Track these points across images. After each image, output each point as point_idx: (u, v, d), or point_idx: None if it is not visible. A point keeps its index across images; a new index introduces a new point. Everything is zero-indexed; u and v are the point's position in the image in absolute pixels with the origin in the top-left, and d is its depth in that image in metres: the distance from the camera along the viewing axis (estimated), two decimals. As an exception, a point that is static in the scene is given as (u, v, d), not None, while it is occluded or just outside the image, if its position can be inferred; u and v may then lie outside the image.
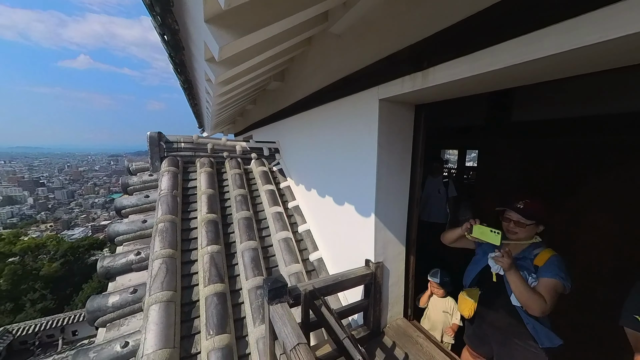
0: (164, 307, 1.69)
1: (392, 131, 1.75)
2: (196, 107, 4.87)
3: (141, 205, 2.53)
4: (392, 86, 1.50)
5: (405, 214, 1.96)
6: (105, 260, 1.99)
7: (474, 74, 1.06)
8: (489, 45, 0.98)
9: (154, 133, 2.91)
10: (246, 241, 2.34)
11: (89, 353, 1.50)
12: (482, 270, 1.66)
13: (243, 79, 2.30)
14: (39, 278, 18.96)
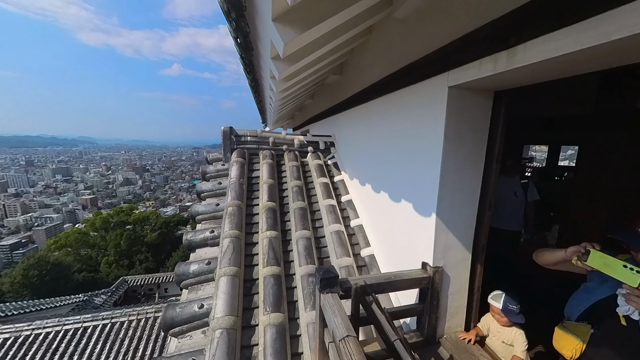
0: (231, 280, 1.93)
1: (462, 122, 1.55)
2: (261, 103, 5.30)
3: (215, 190, 2.92)
4: (467, 71, 1.32)
5: (473, 216, 1.73)
6: (189, 234, 2.40)
7: (582, 47, 0.84)
8: (609, 9, 0.76)
9: (227, 128, 3.30)
10: (300, 230, 2.46)
11: (176, 308, 1.84)
12: (597, 303, 1.29)
13: (304, 74, 2.38)
14: (144, 244, 24.23)
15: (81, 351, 6.37)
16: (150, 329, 7.07)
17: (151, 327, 7.11)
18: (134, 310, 7.40)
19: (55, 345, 6.36)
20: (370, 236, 2.61)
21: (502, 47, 1.10)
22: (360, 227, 2.73)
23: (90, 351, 6.39)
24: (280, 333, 1.74)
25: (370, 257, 2.42)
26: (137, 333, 6.94)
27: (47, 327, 6.62)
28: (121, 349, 6.59)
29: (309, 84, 3.48)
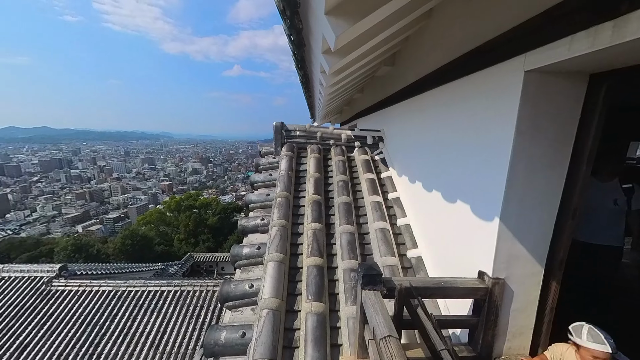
0: (277, 266, 2.07)
1: (541, 113, 1.31)
2: (310, 99, 5.42)
3: (266, 181, 3.13)
4: (552, 50, 1.10)
5: (550, 225, 1.47)
6: (242, 220, 2.65)
7: None
8: None
9: (278, 123, 3.48)
10: (344, 225, 2.46)
11: (231, 284, 2.06)
12: None
13: (354, 67, 2.34)
14: (207, 226, 27.75)
15: (159, 309, 7.71)
16: (209, 300, 8.11)
17: (210, 299, 8.14)
18: (197, 282, 8.57)
19: (141, 302, 7.84)
20: (418, 237, 2.46)
21: (607, 17, 0.88)
22: (407, 226, 2.59)
23: (165, 311, 7.69)
24: (320, 322, 1.79)
25: (417, 259, 2.28)
26: (199, 302, 8.05)
27: (136, 286, 8.20)
28: (187, 312, 7.74)
29: (358, 77, 3.40)
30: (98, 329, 7.13)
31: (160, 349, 6.96)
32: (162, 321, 7.46)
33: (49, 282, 7.98)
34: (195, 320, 7.60)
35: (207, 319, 7.71)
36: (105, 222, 69.97)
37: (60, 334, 6.94)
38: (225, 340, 1.72)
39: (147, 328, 7.29)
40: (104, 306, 7.61)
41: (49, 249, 22.37)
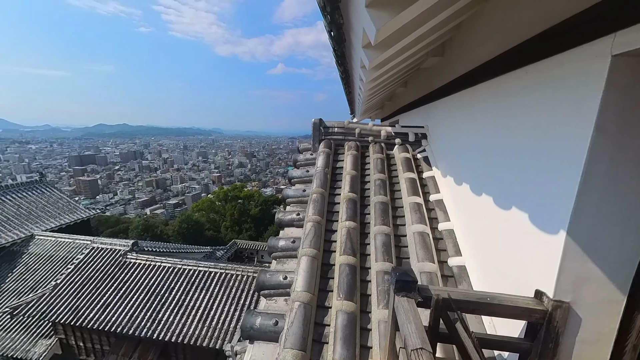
0: (310, 261, 2.11)
1: (631, 107, 1.06)
2: (350, 95, 5.34)
3: (303, 177, 3.20)
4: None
5: (638, 244, 1.19)
6: (279, 214, 2.76)
7: None
8: None
9: (317, 120, 3.52)
10: (380, 225, 2.38)
11: (267, 274, 2.18)
12: None
13: (397, 60, 2.21)
14: (249, 216, 29.81)
15: (207, 288, 8.60)
16: (249, 285, 8.74)
17: (250, 284, 8.77)
18: (239, 267, 9.30)
19: (192, 279, 8.84)
20: (462, 244, 2.25)
21: None
22: (450, 232, 2.39)
23: (212, 290, 8.54)
24: (351, 321, 1.78)
25: (459, 268, 2.09)
26: (240, 285, 8.74)
27: (189, 265, 9.27)
28: (230, 294, 8.47)
29: (401, 71, 3.22)
30: (159, 299, 8.28)
31: (207, 323, 7.78)
32: (209, 299, 8.31)
33: (124, 254, 9.53)
34: (237, 302, 8.28)
35: (246, 301, 8.34)
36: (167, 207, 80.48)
37: (132, 299, 8.25)
38: (260, 325, 1.83)
39: (197, 303, 8.21)
40: (164, 280, 8.80)
41: (125, 226, 26.66)
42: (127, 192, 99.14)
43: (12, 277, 10.32)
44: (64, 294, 8.37)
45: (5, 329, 8.76)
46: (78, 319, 7.79)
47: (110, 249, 9.79)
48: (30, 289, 9.84)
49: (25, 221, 12.24)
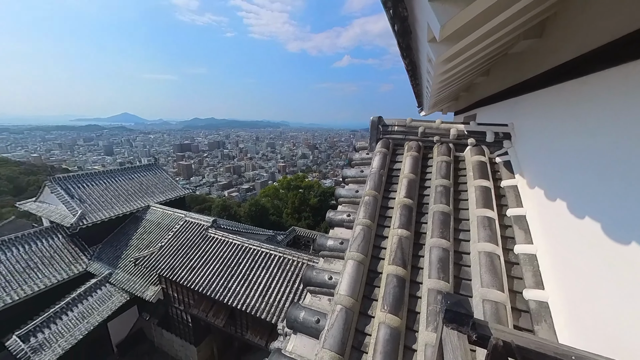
0: (356, 266, 2.08)
1: None
2: (417, 87, 4.88)
3: (357, 177, 3.14)
4: None
5: None
6: (330, 213, 2.80)
7: None
8: None
9: (375, 118, 3.36)
10: (437, 238, 2.15)
11: (313, 271, 2.26)
12: None
13: (471, 51, 1.89)
14: (308, 205, 31.40)
15: (267, 268, 9.56)
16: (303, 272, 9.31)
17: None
18: (296, 253, 9.95)
19: (256, 258, 9.96)
20: (547, 275, 1.82)
21: None
22: (530, 257, 1.96)
23: (271, 270, 9.45)
24: (394, 337, 1.69)
25: (539, 304, 1.71)
26: (296, 270, 9.37)
27: (254, 245, 10.45)
28: (286, 277, 9.20)
29: (481, 59, 2.73)
30: (229, 270, 9.67)
31: (265, 299, 8.69)
32: (268, 278, 9.24)
33: (206, 229, 11.43)
34: (292, 285, 8.93)
35: (300, 286, 8.91)
36: (241, 191, 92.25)
37: (210, 267, 9.90)
38: (303, 320, 1.93)
39: (258, 280, 9.24)
40: (234, 255, 10.20)
41: (209, 205, 31.85)
42: (212, 175, 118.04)
43: (136, 235, 13.76)
44: (165, 254, 10.70)
45: (130, 272, 11.82)
46: (173, 275, 9.86)
47: (197, 223, 11.89)
48: (146, 246, 12.93)
49: (144, 195, 16.03)
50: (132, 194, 15.65)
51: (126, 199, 15.13)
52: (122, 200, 14.92)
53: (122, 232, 14.09)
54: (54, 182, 13.47)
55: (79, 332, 9.97)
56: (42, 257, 11.99)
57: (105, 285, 11.64)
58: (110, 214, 13.72)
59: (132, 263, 11.57)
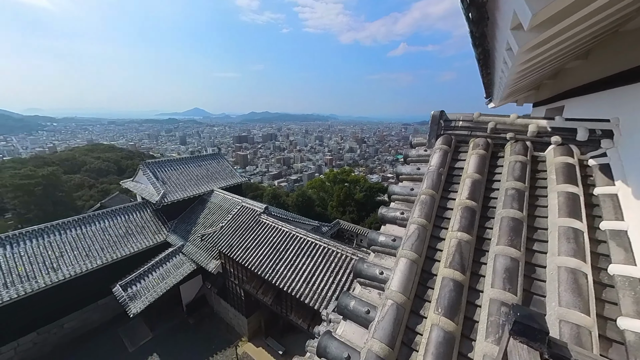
0: (409, 264, 2.06)
1: None
2: (488, 76, 4.36)
3: (413, 174, 3.03)
4: None
5: None
6: (383, 209, 2.78)
7: None
8: None
9: (437, 112, 3.15)
10: (504, 245, 1.96)
11: (364, 264, 2.32)
12: None
13: (570, 33, 1.62)
14: (353, 200, 31.26)
15: (312, 256, 9.99)
16: (346, 265, 9.42)
17: (347, 264, 9.44)
18: (340, 246, 10.13)
19: (301, 246, 10.49)
20: (654, 305, 1.50)
21: None
22: (632, 281, 1.64)
23: (315, 259, 9.85)
24: (448, 341, 1.65)
25: (638, 336, 1.43)
26: (339, 262, 9.57)
27: (300, 234, 11.00)
28: (330, 267, 9.48)
29: (581, 40, 2.30)
30: (277, 255, 10.43)
31: (309, 286, 9.14)
32: (312, 266, 9.66)
33: (259, 215, 12.48)
34: (335, 276, 9.17)
35: (342, 278, 9.08)
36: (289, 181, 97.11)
37: (261, 249, 10.84)
38: (353, 308, 2.02)
39: (302, 267, 9.76)
40: (281, 241, 10.93)
41: (261, 192, 34.53)
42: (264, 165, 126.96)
43: (202, 215, 15.89)
44: (225, 234, 12.12)
45: (197, 246, 13.79)
46: (230, 252, 11.13)
47: (252, 208, 13.08)
48: (210, 225, 14.85)
49: (209, 180, 18.29)
50: (200, 179, 18.04)
51: (196, 183, 17.53)
52: (193, 184, 17.34)
53: (192, 211, 16.43)
54: (145, 166, 16.44)
55: (160, 289, 12.18)
56: (136, 225, 14.91)
57: (178, 255, 13.85)
58: (184, 195, 16.12)
59: (199, 238, 13.46)
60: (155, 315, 13.44)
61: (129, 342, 12.61)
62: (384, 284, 2.14)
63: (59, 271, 11.68)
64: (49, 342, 12.01)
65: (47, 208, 24.86)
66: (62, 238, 12.79)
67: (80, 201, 29.46)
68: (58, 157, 46.96)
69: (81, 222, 13.75)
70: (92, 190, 32.59)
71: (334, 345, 1.86)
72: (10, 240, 11.73)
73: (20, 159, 46.14)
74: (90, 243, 13.18)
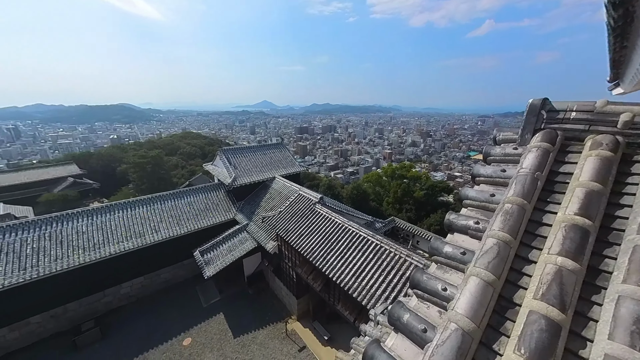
0: (482, 285, 1.71)
1: None
2: (622, 51, 3.24)
3: (495, 177, 2.51)
4: None
5: None
6: (451, 216, 2.40)
7: None
8: None
9: (537, 100, 2.49)
10: (637, 285, 1.41)
11: (423, 275, 2.06)
12: None
13: None
14: (412, 198, 29.13)
15: (362, 252, 9.79)
16: (398, 265, 8.89)
17: (400, 264, 8.89)
18: (394, 245, 9.60)
19: (353, 240, 10.36)
20: None
21: None
22: None
23: (366, 255, 9.61)
24: (531, 392, 1.30)
25: None
26: (391, 262, 9.10)
27: (353, 227, 10.87)
28: (381, 265, 9.11)
29: None
30: (329, 245, 10.60)
31: (357, 280, 9.02)
32: (363, 261, 9.47)
33: (314, 204, 12.86)
34: (385, 275, 8.78)
35: (394, 279, 8.61)
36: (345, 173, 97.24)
37: (313, 237, 11.19)
38: (407, 322, 1.81)
39: (353, 260, 9.66)
40: (333, 232, 11.03)
41: (317, 182, 35.60)
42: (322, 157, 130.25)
43: (264, 199, 17.41)
44: (282, 218, 12.99)
45: (259, 227, 15.24)
46: (286, 236, 11.89)
47: (308, 197, 13.58)
48: (270, 209, 16.16)
49: (272, 168, 19.79)
50: (264, 166, 19.70)
51: (261, 170, 19.23)
52: (258, 170, 19.08)
53: (256, 195, 18.16)
54: (221, 152, 18.88)
55: (228, 259, 14.03)
56: (212, 203, 17.42)
57: (243, 232, 15.61)
58: (250, 180, 17.92)
59: (261, 220, 14.82)
60: (223, 281, 15.65)
61: (203, 299, 15.11)
62: (446, 302, 1.85)
63: (159, 233, 14.70)
64: (151, 286, 15.41)
65: (153, 182, 31.44)
66: (162, 207, 16.00)
67: (175, 178, 36.18)
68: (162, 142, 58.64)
69: (175, 195, 16.89)
70: (183, 170, 39.56)
71: (382, 358, 1.71)
72: (130, 205, 15.34)
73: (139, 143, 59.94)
74: (180, 213, 16.09)
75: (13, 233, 12.36)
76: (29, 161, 64.25)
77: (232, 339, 12.69)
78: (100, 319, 13.43)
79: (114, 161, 41.29)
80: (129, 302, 14.74)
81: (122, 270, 14.01)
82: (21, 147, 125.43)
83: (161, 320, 13.61)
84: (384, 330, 2.88)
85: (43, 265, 11.91)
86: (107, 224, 14.19)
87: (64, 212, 14.00)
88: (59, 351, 12.02)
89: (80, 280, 12.80)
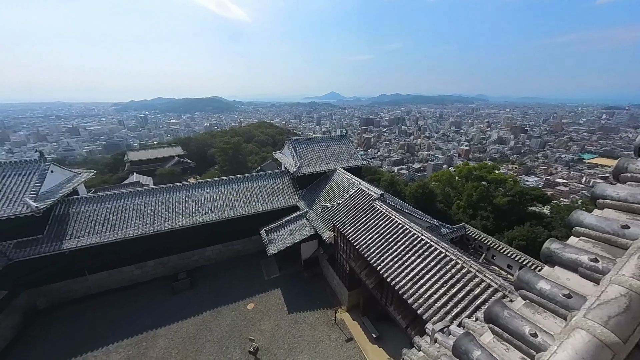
0: (595, 345, 1.31)
1: None
2: None
3: (631, 203, 1.85)
4: None
5: None
6: (554, 244, 1.90)
7: None
8: None
9: None
10: None
11: (504, 310, 1.72)
12: None
13: None
14: (491, 204, 24.90)
15: (423, 257, 9.04)
16: (465, 281, 7.83)
17: (467, 280, 7.82)
18: (462, 257, 8.50)
19: (414, 243, 9.66)
20: None
21: None
22: None
23: (427, 262, 8.84)
24: None
25: None
26: (456, 275, 8.10)
27: (414, 230, 10.11)
28: (444, 276, 8.24)
29: None
30: (385, 244, 10.18)
31: (414, 286, 8.43)
32: (423, 268, 8.76)
33: (374, 200, 12.50)
34: (448, 289, 7.91)
35: (458, 293, 7.68)
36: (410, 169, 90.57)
37: (370, 234, 10.93)
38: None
39: (411, 265, 9.05)
40: (392, 231, 10.51)
41: (378, 177, 34.35)
42: (386, 150, 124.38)
43: (324, 190, 17.95)
44: (340, 211, 13.14)
45: (317, 215, 15.89)
46: (343, 229, 12.02)
47: (368, 192, 13.29)
48: (329, 200, 16.59)
49: (334, 160, 20.10)
50: (327, 157, 20.16)
51: (323, 161, 19.78)
52: (321, 161, 19.68)
53: (317, 185, 18.87)
54: (289, 141, 20.21)
55: (288, 241, 15.22)
56: (279, 188, 19.03)
57: (303, 218, 16.57)
58: (313, 170, 18.69)
59: (320, 209, 15.39)
60: (282, 260, 17.16)
61: (265, 272, 16.96)
62: (535, 351, 1.51)
63: (234, 209, 17.07)
64: (226, 253, 18.22)
65: (233, 165, 36.47)
66: (238, 187, 18.44)
67: (249, 163, 41.02)
68: (242, 130, 67.25)
69: (249, 179, 19.18)
70: (256, 156, 44.41)
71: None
72: (215, 184, 18.28)
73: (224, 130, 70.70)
74: (251, 195, 18.22)
75: (140, 197, 16.44)
76: (151, 142, 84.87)
77: (287, 314, 13.92)
78: (190, 272, 16.73)
79: (205, 145, 49.71)
80: (209, 263, 17.87)
81: (206, 236, 17.00)
82: (147, 131, 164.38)
83: (232, 283, 16.05)
84: (442, 351, 2.60)
85: (157, 224, 15.53)
86: (199, 198, 17.32)
87: (172, 185, 17.83)
88: (163, 289, 15.71)
89: (179, 239, 16.21)
